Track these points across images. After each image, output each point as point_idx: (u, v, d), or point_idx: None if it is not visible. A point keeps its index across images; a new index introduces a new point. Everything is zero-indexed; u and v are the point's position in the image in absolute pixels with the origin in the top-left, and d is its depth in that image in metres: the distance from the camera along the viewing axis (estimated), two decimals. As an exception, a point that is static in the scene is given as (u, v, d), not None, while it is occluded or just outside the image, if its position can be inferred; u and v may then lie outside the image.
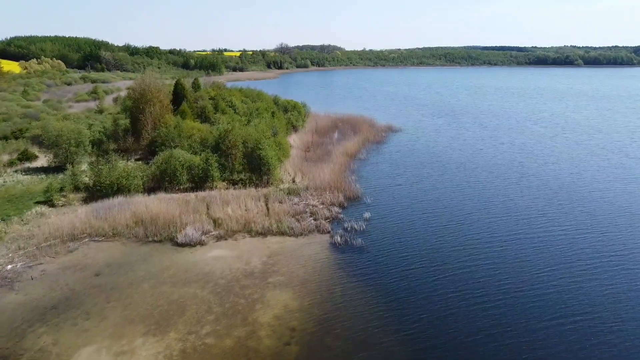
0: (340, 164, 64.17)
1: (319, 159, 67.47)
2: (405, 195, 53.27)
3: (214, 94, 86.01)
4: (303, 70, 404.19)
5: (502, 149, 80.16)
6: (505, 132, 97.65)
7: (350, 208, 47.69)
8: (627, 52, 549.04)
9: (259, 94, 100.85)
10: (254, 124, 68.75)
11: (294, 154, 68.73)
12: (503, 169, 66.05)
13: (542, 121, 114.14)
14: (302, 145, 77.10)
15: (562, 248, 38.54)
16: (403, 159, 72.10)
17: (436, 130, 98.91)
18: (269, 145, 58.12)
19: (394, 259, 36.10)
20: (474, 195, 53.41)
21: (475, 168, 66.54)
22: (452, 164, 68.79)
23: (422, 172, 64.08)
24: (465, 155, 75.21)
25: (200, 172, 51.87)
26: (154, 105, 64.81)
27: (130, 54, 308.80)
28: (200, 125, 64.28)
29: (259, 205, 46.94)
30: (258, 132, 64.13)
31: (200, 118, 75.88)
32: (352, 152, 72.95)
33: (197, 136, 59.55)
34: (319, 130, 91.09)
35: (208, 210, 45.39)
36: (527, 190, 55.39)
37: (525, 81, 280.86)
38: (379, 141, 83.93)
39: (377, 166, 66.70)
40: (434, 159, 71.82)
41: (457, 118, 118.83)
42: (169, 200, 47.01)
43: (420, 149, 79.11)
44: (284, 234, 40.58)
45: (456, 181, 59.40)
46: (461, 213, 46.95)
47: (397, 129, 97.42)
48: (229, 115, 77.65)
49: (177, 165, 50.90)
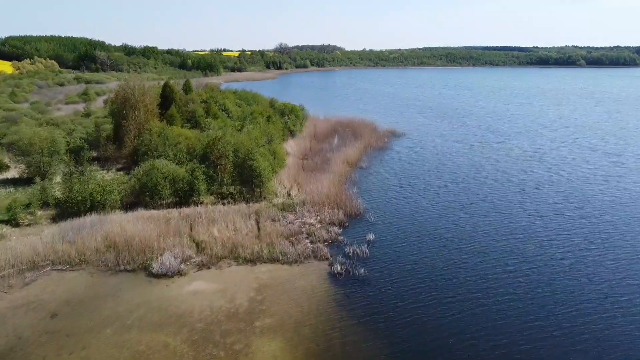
0: (340, 174, 59.07)
1: (318, 167, 62.36)
2: (411, 210, 48.14)
3: (206, 97, 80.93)
4: (302, 70, 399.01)
5: (513, 156, 75.06)
6: (513, 137, 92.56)
7: (351, 227, 42.55)
8: (629, 53, 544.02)
9: (255, 96, 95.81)
10: (247, 130, 63.65)
11: (291, 162, 63.61)
12: (516, 179, 60.93)
13: (551, 124, 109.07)
14: (300, 152, 71.99)
15: (595, 277, 33.44)
16: (407, 167, 66.97)
17: (441, 135, 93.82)
18: (263, 154, 53.03)
19: (402, 295, 30.98)
20: (486, 211, 48.27)
21: (485, 178, 61.42)
22: (460, 173, 63.69)
23: (429, 183, 58.96)
24: (473, 163, 70.10)
25: (185, 186, 46.75)
26: (139, 110, 59.69)
27: (127, 54, 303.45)
28: (188, 131, 59.16)
29: (249, 224, 41.81)
30: (251, 139, 59.06)
31: (191, 123, 70.82)
32: (353, 159, 67.82)
33: (184, 144, 54.44)
34: (317, 135, 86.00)
35: (191, 230, 40.27)
36: (546, 205, 50.25)
37: (529, 82, 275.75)
38: (381, 147, 78.81)
39: (379, 176, 61.56)
40: (441, 168, 66.70)
41: (462, 121, 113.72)
42: (148, 218, 41.87)
43: (425, 156, 73.99)
44: (276, 261, 35.43)
45: (466, 194, 54.29)
46: (475, 233, 41.82)
47: (400, 133, 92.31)
48: (222, 119, 72.56)
49: (158, 178, 45.78)
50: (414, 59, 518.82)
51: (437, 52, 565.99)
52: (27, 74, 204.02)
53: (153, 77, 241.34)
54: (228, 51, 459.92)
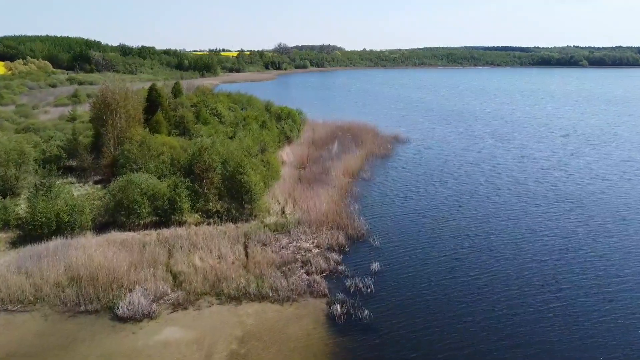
0: (340, 186, 53.95)
1: (316, 179, 57.24)
2: (419, 231, 43.00)
3: (197, 101, 75.79)
4: (302, 71, 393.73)
5: (525, 164, 69.95)
6: (523, 142, 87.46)
7: (352, 253, 37.41)
8: (632, 53, 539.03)
9: (250, 99, 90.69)
10: (238, 138, 58.53)
11: (286, 173, 58.47)
12: (531, 191, 55.82)
13: (561, 128, 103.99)
14: (297, 160, 66.83)
15: (631, 303, 28.36)
16: (412, 178, 61.85)
17: (446, 140, 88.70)
18: (255, 166, 47.91)
19: (413, 344, 25.86)
20: (503, 230, 43.13)
21: (498, 190, 56.30)
22: (469, 185, 58.58)
23: (437, 196, 53.84)
24: (483, 172, 64.97)
25: (166, 204, 41.60)
26: (120, 117, 54.55)
27: (123, 54, 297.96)
28: (173, 140, 54.01)
29: (236, 250, 36.69)
30: (242, 148, 53.96)
31: (179, 129, 65.71)
32: (354, 169, 62.68)
33: (168, 155, 49.30)
34: (316, 142, 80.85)
35: (169, 258, 35.14)
36: (569, 222, 45.12)
37: (532, 83, 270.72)
38: (384, 155, 73.65)
39: (383, 188, 56.42)
40: (449, 178, 61.58)
41: (467, 125, 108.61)
42: (121, 243, 36.74)
43: (431, 165, 68.85)
44: (265, 299, 30.27)
45: (478, 210, 49.17)
46: (492, 258, 36.68)
47: (403, 138, 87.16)
48: (212, 125, 67.44)
49: (136, 195, 40.64)
50: (414, 59, 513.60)
51: (438, 52, 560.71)
52: (19, 74, 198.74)
53: (148, 77, 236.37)
54: (227, 51, 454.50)
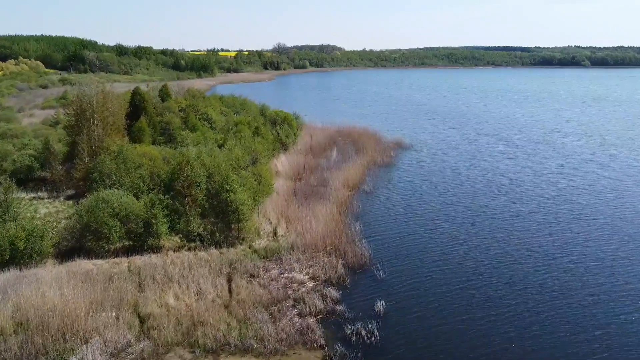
0: (339, 201, 48.83)
1: (313, 192, 52.17)
2: (428, 255, 37.86)
3: (186, 105, 70.66)
4: (301, 71, 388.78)
5: (538, 174, 64.83)
6: (533, 148, 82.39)
7: (353, 288, 32.25)
8: (634, 53, 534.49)
9: (244, 102, 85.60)
10: (228, 147, 53.41)
11: (280, 185, 53.36)
12: (549, 205, 50.74)
13: (572, 133, 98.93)
14: (292, 170, 61.71)
15: None
16: (418, 190, 56.74)
17: (452, 146, 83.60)
18: (244, 181, 42.78)
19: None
20: (522, 251, 37.98)
21: (512, 204, 51.18)
22: (480, 198, 53.50)
23: (445, 211, 48.71)
24: (493, 183, 59.87)
25: (140, 227, 36.46)
26: (96, 124, 49.44)
27: (119, 54, 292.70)
28: (154, 150, 48.86)
29: (218, 283, 31.56)
30: (231, 159, 48.86)
31: (164, 136, 60.62)
32: (355, 180, 57.54)
33: (147, 167, 44.11)
34: (314, 148, 75.77)
35: (139, 293, 30.02)
36: (595, 243, 39.97)
37: (535, 83, 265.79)
38: (386, 164, 68.46)
39: (386, 203, 51.27)
40: (457, 190, 56.48)
41: (473, 129, 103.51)
42: (85, 276, 31.57)
43: (437, 175, 63.73)
44: (249, 352, 25.09)
45: (492, 228, 44.05)
46: (513, 291, 31.51)
47: (406, 145, 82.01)
48: (201, 132, 62.32)
49: (105, 217, 35.51)
50: (415, 59, 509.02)
51: (439, 52, 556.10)
52: (10, 75, 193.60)
53: (143, 78, 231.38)
54: (226, 51, 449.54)
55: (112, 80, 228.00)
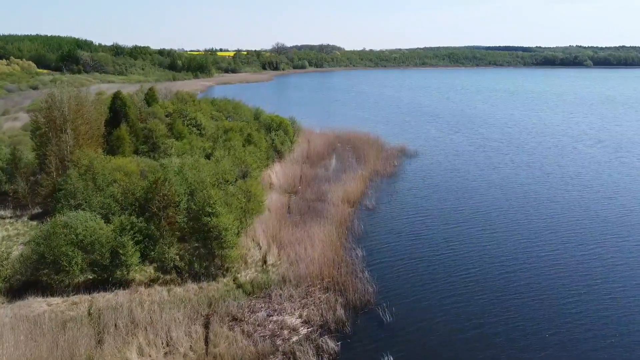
0: (338, 219, 43.61)
1: (309, 208, 47.01)
2: (442, 288, 32.68)
3: (173, 109, 65.45)
4: (300, 71, 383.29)
5: (556, 186, 59.69)
6: (546, 155, 77.22)
7: (356, 335, 27.02)
8: (637, 53, 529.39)
9: (237, 106, 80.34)
10: (215, 158, 48.18)
11: (273, 201, 48.11)
12: (573, 225, 45.57)
13: (585, 137, 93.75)
14: (287, 182, 56.48)
15: None
16: (425, 205, 51.53)
17: (459, 153, 78.39)
18: (230, 201, 37.59)
19: None
20: (551, 283, 32.80)
21: (530, 223, 45.99)
22: (493, 214, 48.37)
23: (457, 233, 43.50)
24: (508, 197, 54.69)
25: (107, 258, 31.24)
26: (68, 134, 44.23)
27: (115, 54, 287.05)
28: (131, 163, 43.56)
29: (193, 332, 26.36)
30: (218, 173, 43.66)
31: (147, 145, 55.43)
32: (355, 194, 52.33)
33: (121, 184, 38.82)
34: (311, 156, 70.57)
35: (96, 348, 24.82)
36: (630, 270, 34.79)
37: (539, 84, 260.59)
38: (389, 174, 63.17)
39: (391, 223, 46.00)
40: (467, 205, 51.30)
41: (480, 133, 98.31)
42: (34, 322, 26.40)
43: (445, 187, 58.54)
44: None
45: (509, 249, 38.95)
46: (544, 332, 26.35)
47: (410, 152, 76.74)
48: (187, 140, 57.10)
49: (64, 246, 30.31)
50: (415, 59, 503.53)
51: (439, 52, 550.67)
52: (0, 76, 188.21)
53: (138, 78, 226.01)
54: (225, 51, 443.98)
55: (107, 81, 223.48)
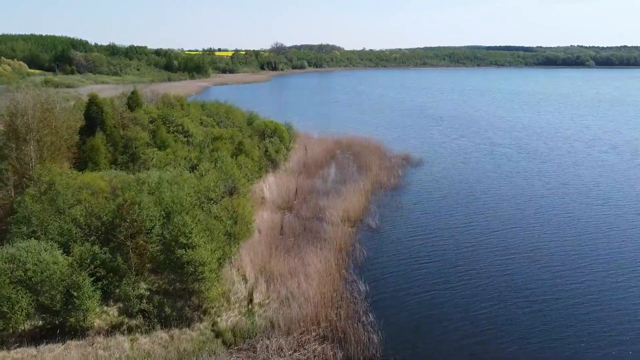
0: (337, 244, 38.34)
1: (305, 229, 41.81)
2: (459, 333, 27.44)
3: (158, 115, 60.11)
4: (299, 71, 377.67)
5: (574, 198, 54.58)
6: (559, 163, 72.09)
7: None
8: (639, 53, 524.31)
9: (229, 110, 74.98)
10: (199, 172, 42.85)
11: (265, 220, 42.81)
12: (598, 244, 40.48)
13: (597, 142, 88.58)
14: (281, 196, 51.14)
15: None
16: (433, 223, 46.24)
17: (467, 161, 73.08)
18: (212, 227, 32.30)
19: None
20: (578, 312, 27.58)
21: (552, 246, 40.77)
22: (509, 233, 43.28)
23: (473, 257, 38.26)
24: (525, 212, 49.51)
25: (58, 301, 25.93)
26: (30, 146, 38.93)
27: (111, 54, 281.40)
28: (102, 179, 38.19)
29: (155, 403, 21.09)
30: (200, 191, 38.39)
31: (127, 155, 50.06)
32: (357, 211, 46.98)
33: (86, 206, 33.47)
34: (309, 165, 65.25)
35: None
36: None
37: (544, 84, 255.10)
38: (394, 186, 57.80)
39: (397, 246, 40.67)
40: (481, 223, 46.08)
41: (487, 138, 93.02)
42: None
43: (455, 201, 53.27)
44: None
45: (539, 283, 33.72)
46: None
47: (414, 160, 71.34)
48: (171, 150, 51.77)
49: (5, 288, 25.04)
50: (416, 59, 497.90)
51: (440, 52, 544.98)
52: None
53: (133, 79, 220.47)
54: (224, 51, 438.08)
55: (100, 82, 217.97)
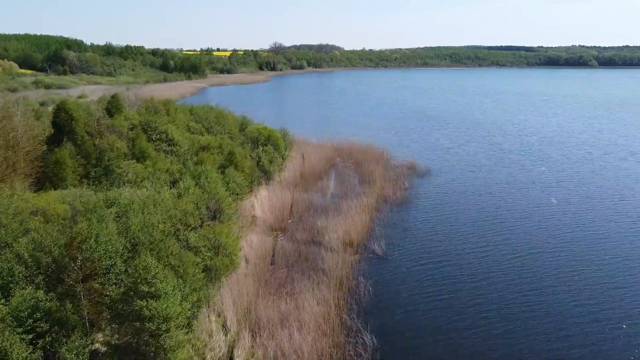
0: (338, 279, 32.59)
1: (300, 257, 36.09)
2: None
3: (139, 121, 54.30)
4: (298, 72, 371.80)
5: (602, 214, 48.99)
6: (579, 172, 66.37)
7: None
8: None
9: (219, 115, 69.07)
10: (177, 192, 37.04)
11: (254, 246, 37.03)
12: (634, 271, 34.80)
13: (614, 148, 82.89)
14: (274, 214, 45.30)
15: None
16: (447, 248, 40.50)
17: (477, 170, 67.30)
18: (184, 266, 26.55)
19: None
20: None
21: (584, 277, 35.07)
22: (534, 257, 37.57)
23: (494, 291, 32.53)
24: (549, 232, 43.89)
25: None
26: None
27: (106, 54, 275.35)
28: (60, 202, 32.40)
29: None
30: (175, 216, 32.70)
31: (100, 168, 44.27)
32: (360, 232, 41.19)
33: (35, 236, 27.66)
34: (306, 175, 59.52)
35: None
36: None
37: (549, 85, 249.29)
38: (400, 201, 51.97)
39: (407, 280, 34.83)
40: (501, 246, 40.37)
41: (496, 144, 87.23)
42: None
43: (469, 218, 47.54)
44: None
45: (562, 319, 27.97)
46: None
47: (421, 170, 65.53)
48: (151, 162, 45.95)
49: None
50: (416, 59, 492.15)
51: (441, 52, 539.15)
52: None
53: (128, 80, 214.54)
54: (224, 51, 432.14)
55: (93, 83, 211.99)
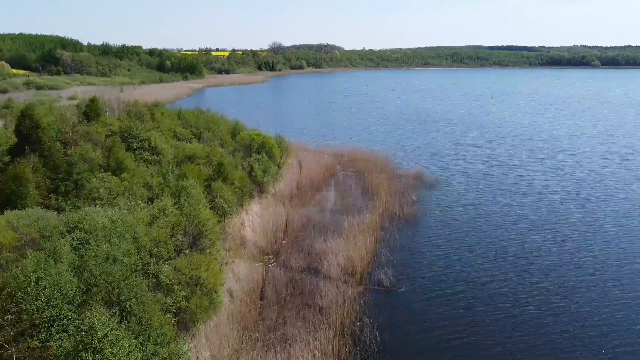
0: (338, 320, 27.42)
1: (294, 289, 30.90)
2: None
3: (118, 127, 49.07)
4: (298, 72, 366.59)
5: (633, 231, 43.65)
6: (601, 181, 61.33)
7: None
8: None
9: (211, 120, 63.81)
10: (150, 214, 31.74)
11: (241, 276, 31.83)
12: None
13: (632, 154, 77.63)
14: (266, 235, 40.07)
15: None
16: (461, 274, 35.30)
17: (489, 180, 62.04)
18: (149, 313, 21.37)
19: None
20: None
21: (617, 308, 29.93)
22: (561, 286, 32.22)
23: (519, 329, 27.35)
24: (580, 255, 38.61)
25: None
26: None
27: (102, 54, 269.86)
28: (8, 228, 27.20)
29: None
30: (143, 247, 27.51)
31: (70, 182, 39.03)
32: (363, 258, 35.92)
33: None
34: (303, 186, 54.38)
35: None
36: None
37: (554, 86, 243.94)
38: (408, 217, 46.63)
39: (418, 321, 29.55)
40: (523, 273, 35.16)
41: (506, 149, 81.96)
42: None
43: (482, 237, 42.35)
44: None
45: None
46: None
47: (429, 180, 60.18)
48: (128, 174, 40.71)
49: None
50: (417, 59, 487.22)
51: (442, 51, 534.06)
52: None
53: (123, 80, 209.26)
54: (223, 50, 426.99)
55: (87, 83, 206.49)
